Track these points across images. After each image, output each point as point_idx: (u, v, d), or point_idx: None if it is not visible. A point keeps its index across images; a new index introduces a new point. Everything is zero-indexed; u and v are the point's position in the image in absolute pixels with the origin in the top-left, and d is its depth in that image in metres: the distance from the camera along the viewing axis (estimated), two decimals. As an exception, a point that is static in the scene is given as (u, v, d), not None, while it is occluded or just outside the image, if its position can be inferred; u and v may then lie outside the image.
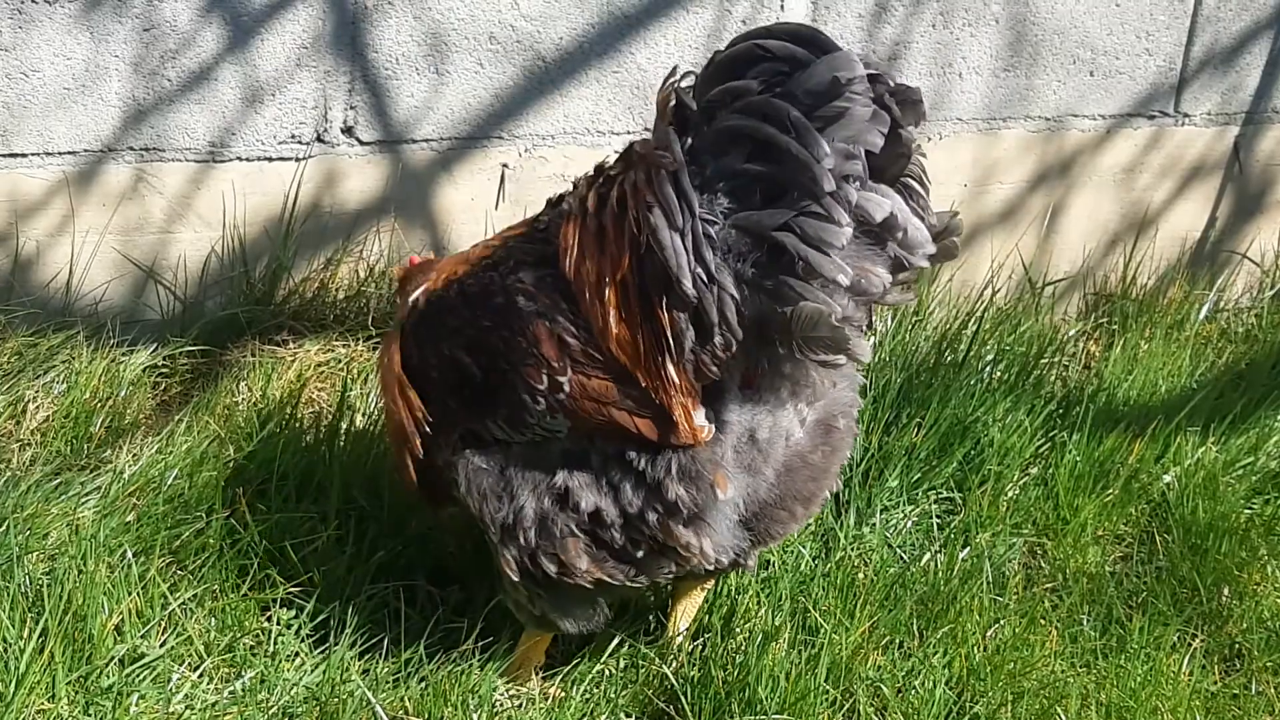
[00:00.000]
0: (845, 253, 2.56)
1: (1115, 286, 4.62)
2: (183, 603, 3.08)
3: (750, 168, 2.62)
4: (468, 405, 2.87)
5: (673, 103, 2.71)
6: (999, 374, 3.98)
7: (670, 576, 2.96)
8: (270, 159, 3.89)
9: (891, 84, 2.61)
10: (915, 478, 3.72)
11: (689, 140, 2.65)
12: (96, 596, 3.00)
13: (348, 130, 3.92)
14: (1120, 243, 4.63)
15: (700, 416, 2.75)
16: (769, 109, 2.57)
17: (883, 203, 2.58)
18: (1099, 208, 4.57)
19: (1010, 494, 3.73)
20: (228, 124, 3.82)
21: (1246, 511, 3.75)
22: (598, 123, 4.07)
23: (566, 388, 2.75)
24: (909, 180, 2.66)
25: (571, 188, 2.91)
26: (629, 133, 4.10)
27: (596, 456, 2.81)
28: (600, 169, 2.85)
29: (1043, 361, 4.13)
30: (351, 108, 3.89)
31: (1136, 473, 3.81)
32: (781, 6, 4.06)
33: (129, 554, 3.11)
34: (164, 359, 3.87)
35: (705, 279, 2.62)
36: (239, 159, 3.87)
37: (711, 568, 2.92)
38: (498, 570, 2.95)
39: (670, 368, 2.69)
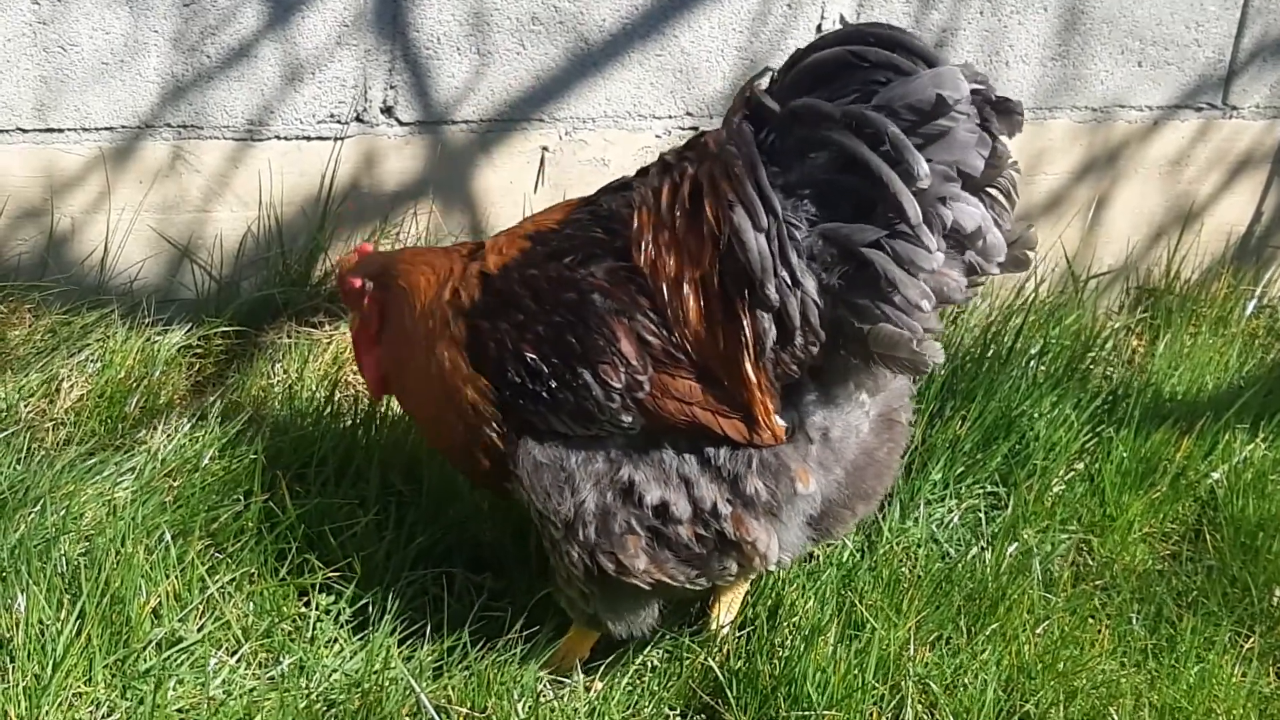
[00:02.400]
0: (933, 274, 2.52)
1: (1159, 280, 4.56)
2: (221, 586, 3.03)
3: (841, 179, 2.56)
4: (533, 400, 2.79)
5: (748, 96, 2.65)
6: (1044, 367, 3.92)
7: (731, 578, 2.90)
8: (309, 138, 3.84)
9: (993, 96, 2.56)
10: (959, 471, 3.66)
11: (770, 138, 2.59)
12: (134, 579, 2.95)
13: (387, 110, 3.87)
14: (1165, 236, 4.57)
15: (779, 419, 2.70)
16: (865, 121, 2.50)
17: (974, 214, 2.53)
18: (1145, 200, 4.50)
19: (1056, 489, 3.67)
20: (266, 102, 3.77)
21: (1299, 509, 3.69)
22: (639, 106, 4.01)
23: (647, 386, 2.69)
24: (995, 190, 2.61)
25: (635, 175, 2.84)
26: (670, 116, 4.04)
27: (668, 449, 2.74)
28: (671, 157, 2.77)
29: (1089, 355, 4.06)
30: (391, 87, 3.84)
31: (1184, 470, 3.75)
32: (828, -10, 4.00)
33: (167, 536, 3.06)
34: (199, 339, 3.82)
35: (790, 283, 2.57)
36: (277, 138, 3.82)
37: (773, 568, 2.87)
38: (554, 567, 2.90)
39: (749, 367, 2.64)
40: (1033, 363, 3.92)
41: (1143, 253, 4.57)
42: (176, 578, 3.00)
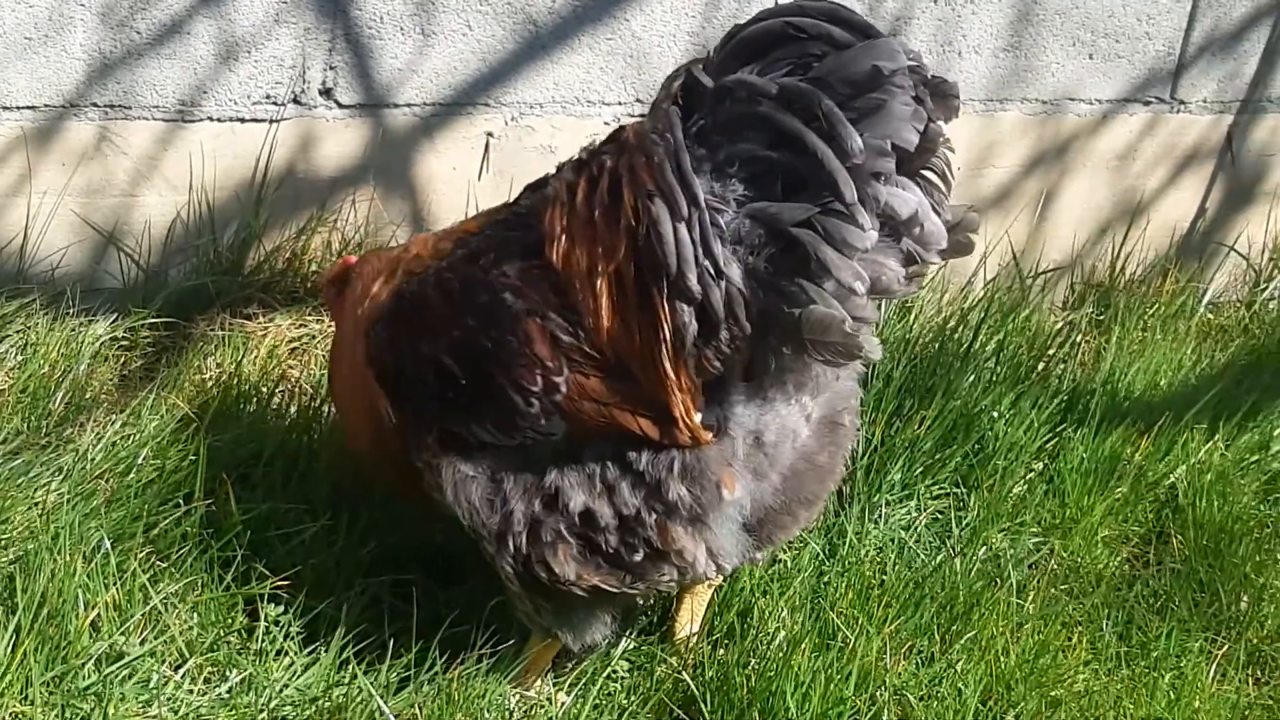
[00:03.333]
0: (865, 254, 2.40)
1: (1104, 275, 4.51)
2: (164, 597, 2.85)
3: (771, 155, 2.43)
4: (451, 409, 2.66)
5: (680, 80, 2.52)
6: (1003, 367, 3.84)
7: (672, 584, 2.77)
8: (243, 120, 3.65)
9: (928, 75, 2.45)
10: (919, 471, 3.57)
11: (700, 121, 2.47)
12: (72, 590, 2.76)
13: (326, 92, 3.69)
14: (1111, 230, 4.52)
15: (700, 415, 2.57)
16: (798, 95, 2.39)
17: (909, 199, 2.42)
18: (1092, 194, 4.45)
19: (1017, 491, 3.60)
20: (199, 81, 3.57)
21: (1259, 511, 3.65)
22: (588, 92, 3.87)
23: (563, 388, 2.56)
24: (930, 173, 2.50)
25: (554, 170, 2.71)
26: (620, 103, 3.91)
27: (591, 455, 2.61)
28: (588, 151, 2.64)
29: (1049, 353, 4.00)
30: (331, 68, 3.66)
31: (1143, 470, 3.70)
32: (782, -24, 3.88)
33: (106, 543, 2.88)
34: (126, 330, 3.62)
35: (713, 272, 2.43)
36: (210, 119, 3.63)
37: (714, 575, 2.75)
38: (502, 581, 2.77)
39: (667, 364, 2.50)
40: (990, 361, 3.85)
41: (1089, 248, 4.53)
42: (117, 588, 2.82)
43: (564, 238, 2.57)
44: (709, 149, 2.48)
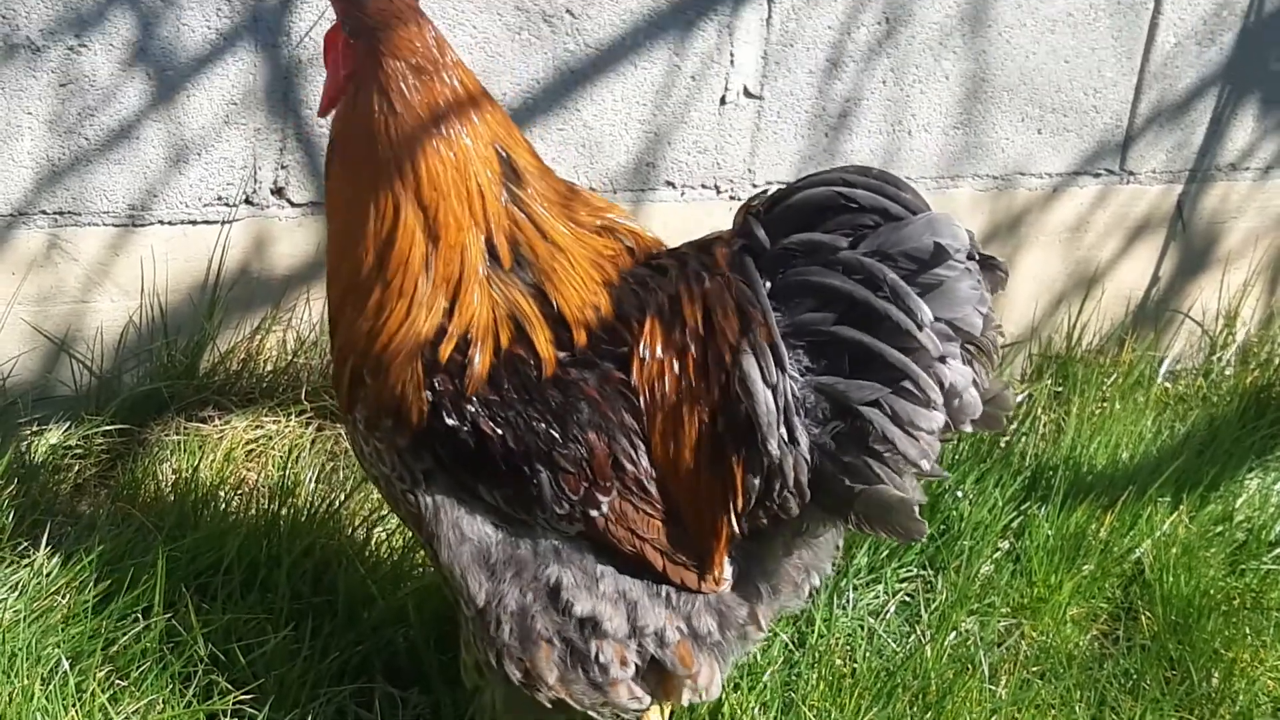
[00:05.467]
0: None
1: (1061, 347, 4.52)
2: (125, 718, 2.79)
3: (839, 331, 2.42)
4: (470, 470, 2.53)
5: (743, 224, 2.51)
6: (965, 444, 3.83)
7: (636, 711, 2.67)
8: (195, 222, 3.63)
9: (978, 252, 2.45)
10: (884, 554, 3.55)
11: (766, 282, 2.46)
12: (31, 714, 2.71)
13: (278, 191, 3.67)
14: (1066, 301, 4.53)
15: (729, 569, 2.56)
16: (864, 269, 2.39)
17: (964, 371, 2.42)
18: (1047, 266, 4.47)
19: (984, 571, 3.58)
20: (150, 185, 3.55)
21: (1225, 584, 3.64)
22: (541, 182, 3.86)
23: (604, 508, 2.50)
24: (974, 347, 2.49)
25: (663, 268, 2.60)
26: (573, 192, 3.90)
27: (607, 559, 2.54)
28: (691, 256, 2.58)
29: (1011, 429, 4.00)
30: (283, 167, 3.64)
31: (1109, 546, 3.69)
32: (731, 63, 3.89)
33: (64, 663, 2.82)
34: (79, 439, 3.57)
35: (787, 440, 2.43)
36: (161, 222, 3.60)
37: (707, 698, 2.69)
38: (464, 642, 2.70)
39: (727, 519, 2.49)
40: (952, 439, 3.83)
41: (1046, 319, 4.54)
42: (76, 710, 2.77)
43: (653, 363, 2.52)
44: (779, 313, 2.47)
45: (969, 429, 2.51)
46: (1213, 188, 4.55)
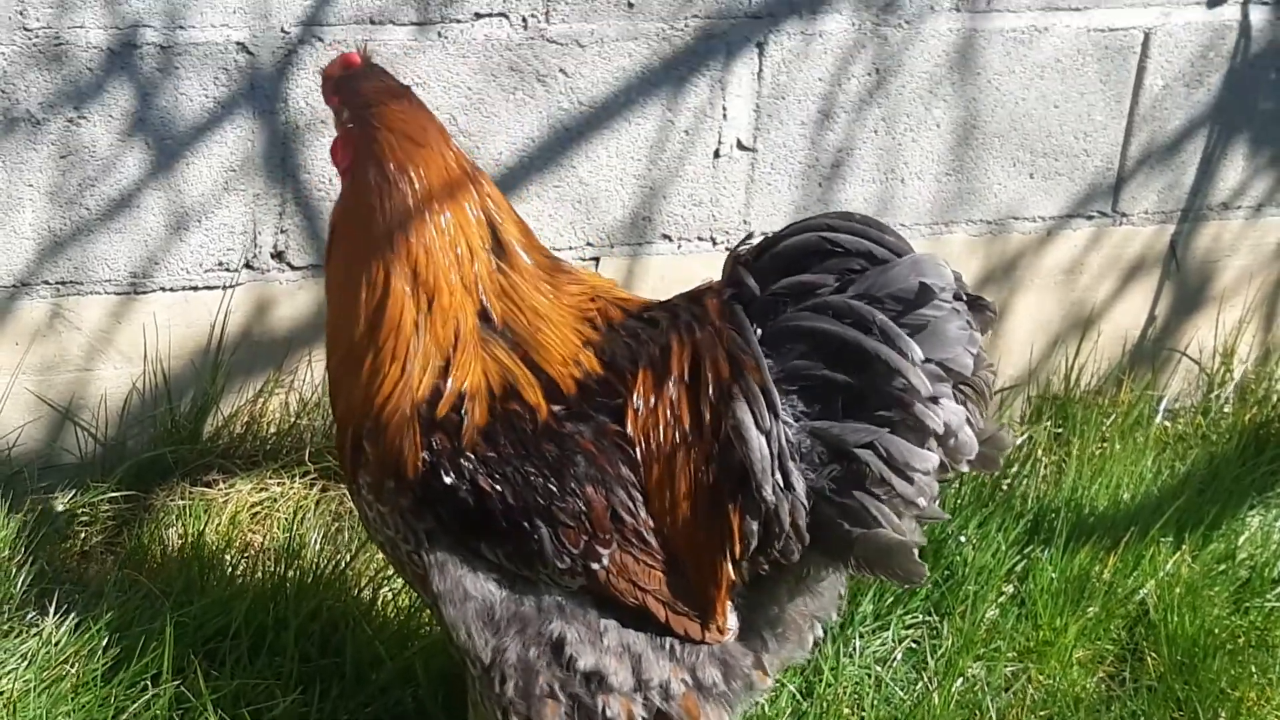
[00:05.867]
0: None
1: (1060, 388, 4.53)
2: (138, 789, 2.81)
3: (830, 375, 2.45)
4: (471, 529, 2.55)
5: (733, 273, 2.54)
6: (967, 488, 3.85)
7: None
8: (196, 288, 3.66)
9: (966, 292, 2.49)
10: (889, 602, 3.57)
11: (756, 329, 2.49)
12: (45, 789, 2.72)
13: (278, 255, 3.70)
14: (1063, 343, 4.56)
15: (733, 619, 2.58)
16: (853, 312, 2.42)
17: (957, 410, 2.44)
18: (1042, 309, 4.49)
19: (989, 616, 3.59)
20: (150, 253, 3.58)
21: (1230, 623, 3.65)
22: (539, 238, 3.88)
23: (605, 561, 2.52)
24: (968, 387, 2.52)
25: (654, 320, 2.65)
26: (570, 248, 3.93)
27: (611, 613, 2.56)
28: (683, 307, 2.62)
29: (1011, 471, 4.01)
30: (282, 231, 3.68)
31: (1113, 587, 3.70)
32: (724, 116, 3.93)
33: (75, 735, 2.84)
34: (85, 506, 3.59)
35: (782, 486, 2.45)
36: (162, 289, 3.63)
37: None
38: (472, 703, 2.72)
39: (727, 567, 2.51)
40: (954, 484, 3.85)
41: (1043, 361, 4.56)
42: (89, 783, 2.78)
43: (648, 414, 2.55)
44: (770, 360, 2.49)
45: (965, 469, 2.53)
46: (1205, 227, 4.58)
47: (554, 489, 2.52)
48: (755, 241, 2.61)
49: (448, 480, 2.53)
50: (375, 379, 2.56)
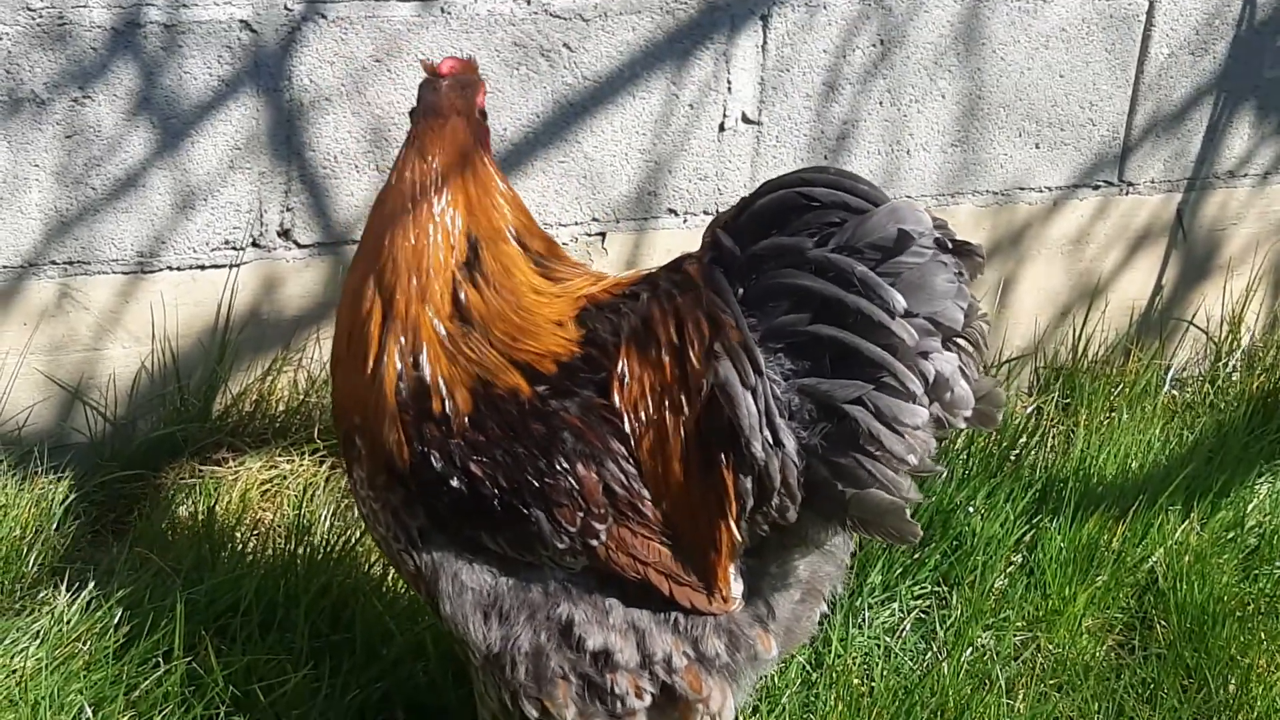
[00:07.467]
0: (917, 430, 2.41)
1: (1067, 359, 4.53)
2: (150, 763, 2.83)
3: (815, 330, 2.44)
4: (469, 520, 2.58)
5: (713, 237, 2.53)
6: (975, 460, 3.85)
7: None
8: (203, 267, 3.67)
9: (952, 238, 2.47)
10: (898, 573, 3.57)
11: (735, 286, 2.48)
12: (58, 764, 2.74)
13: (285, 233, 3.71)
14: (1071, 314, 4.55)
15: (737, 586, 2.57)
16: (834, 265, 2.40)
17: (948, 361, 2.42)
18: (1050, 279, 4.49)
19: (998, 585, 3.60)
20: (157, 232, 3.59)
21: (1239, 590, 3.65)
22: (544, 214, 3.89)
23: (603, 536, 2.53)
24: (963, 340, 2.49)
25: (635, 294, 2.65)
26: (576, 223, 3.93)
27: (615, 591, 2.57)
28: (663, 279, 2.62)
29: (1019, 442, 4.02)
30: (288, 209, 3.68)
31: (1122, 556, 3.70)
32: (729, 90, 3.93)
33: (87, 710, 2.85)
34: (95, 485, 3.60)
35: (772, 442, 2.44)
36: (170, 269, 3.64)
37: None
38: (478, 695, 2.74)
39: (724, 530, 2.50)
40: (962, 455, 3.86)
41: (1051, 331, 4.56)
42: (102, 758, 2.80)
43: (634, 384, 2.55)
44: (754, 319, 2.49)
45: (963, 425, 2.50)
46: (1212, 195, 4.57)
47: (544, 467, 2.53)
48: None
49: (438, 467, 2.55)
50: (358, 375, 2.61)
